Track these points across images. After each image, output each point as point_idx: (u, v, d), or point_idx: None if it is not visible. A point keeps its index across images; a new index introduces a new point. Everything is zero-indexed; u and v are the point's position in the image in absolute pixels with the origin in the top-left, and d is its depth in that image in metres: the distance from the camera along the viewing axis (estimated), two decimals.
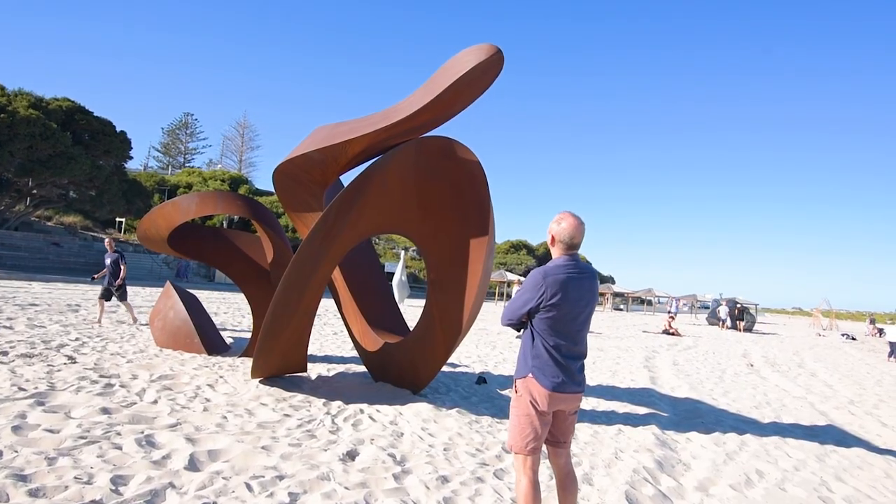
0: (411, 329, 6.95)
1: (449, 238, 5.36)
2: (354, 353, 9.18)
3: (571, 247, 2.97)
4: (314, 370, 7.43)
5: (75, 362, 6.47)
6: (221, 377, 6.36)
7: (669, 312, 44.96)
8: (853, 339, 31.38)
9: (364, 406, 5.60)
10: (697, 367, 12.15)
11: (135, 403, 4.96)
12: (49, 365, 6.17)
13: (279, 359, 5.92)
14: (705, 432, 5.96)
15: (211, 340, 8.15)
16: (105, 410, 4.60)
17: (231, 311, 16.32)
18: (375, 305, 6.87)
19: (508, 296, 53.28)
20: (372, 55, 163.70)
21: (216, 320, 13.05)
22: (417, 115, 4.33)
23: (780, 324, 53.10)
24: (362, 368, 7.66)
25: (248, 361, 7.33)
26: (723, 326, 31.64)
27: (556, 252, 3.01)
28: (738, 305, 30.92)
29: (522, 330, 3.09)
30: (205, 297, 21.54)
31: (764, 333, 31.20)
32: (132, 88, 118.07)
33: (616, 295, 58.55)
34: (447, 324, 5.57)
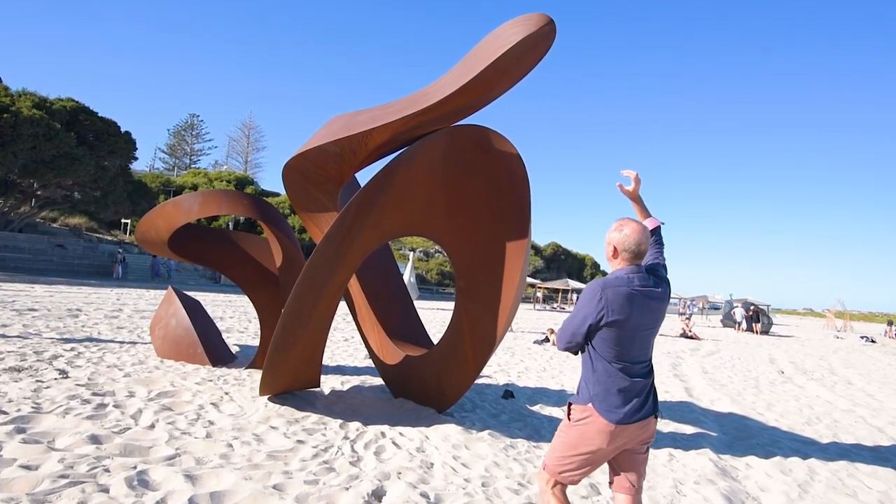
0: (432, 340, 6.38)
1: (482, 241, 4.76)
2: (369, 363, 8.61)
3: (637, 255, 2.62)
4: (327, 383, 6.84)
5: (67, 377, 5.91)
6: (227, 394, 5.78)
7: (683, 314, 44.27)
8: (873, 341, 30.54)
9: (385, 428, 5.01)
10: (728, 374, 11.50)
11: (129, 429, 4.38)
12: (38, 381, 5.60)
13: (290, 374, 5.34)
14: (764, 456, 5.34)
15: (215, 351, 7.58)
16: (94, 439, 4.02)
17: (237, 314, 15.78)
18: (394, 314, 6.28)
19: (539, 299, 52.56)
20: (379, 56, 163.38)
21: (222, 325, 12.51)
22: (451, 100, 3.74)
23: (792, 325, 52.15)
24: (378, 381, 7.08)
25: (256, 374, 6.76)
26: (738, 329, 30.88)
27: (618, 264, 2.65)
28: (754, 307, 30.12)
29: (580, 352, 2.65)
30: (210, 299, 21.08)
31: (781, 336, 30.41)
32: (138, 90, 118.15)
33: None
34: (478, 337, 4.97)
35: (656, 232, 2.95)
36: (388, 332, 6.09)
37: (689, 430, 6.25)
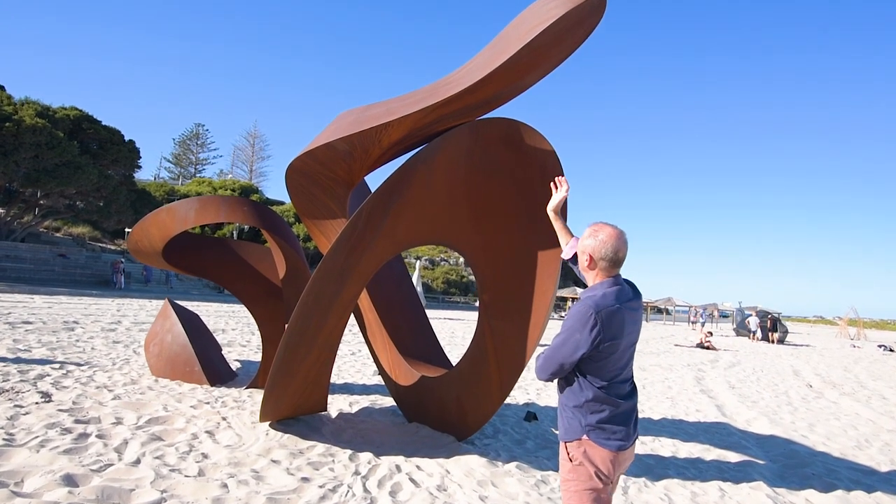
0: (449, 359, 5.83)
1: (510, 250, 4.23)
2: (379, 380, 8.06)
3: (617, 263, 2.38)
4: (334, 404, 6.31)
5: (49, 400, 5.39)
6: (224, 419, 5.25)
7: (694, 322, 43.50)
8: (891, 350, 29.73)
9: (400, 460, 4.47)
10: (757, 389, 10.88)
11: (110, 465, 3.84)
12: (17, 405, 5.08)
13: (294, 400, 4.80)
14: (824, 490, 4.77)
15: (214, 369, 7.06)
16: (68, 479, 3.49)
17: (240, 326, 15.26)
18: (408, 330, 5.74)
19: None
20: (388, 64, 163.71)
21: (223, 339, 11.99)
22: (478, 88, 3.23)
23: (804, 333, 51.22)
24: (390, 400, 6.53)
25: (257, 394, 6.24)
26: (753, 338, 30.12)
27: (596, 276, 2.41)
28: (771, 316, 29.40)
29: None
30: (213, 310, 20.57)
31: (797, 345, 29.66)
32: (145, 100, 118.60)
33: None
34: (505, 358, 4.43)
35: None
36: (402, 349, 5.55)
37: (733, 457, 5.67)
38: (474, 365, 4.74)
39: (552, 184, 2.91)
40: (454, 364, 5.44)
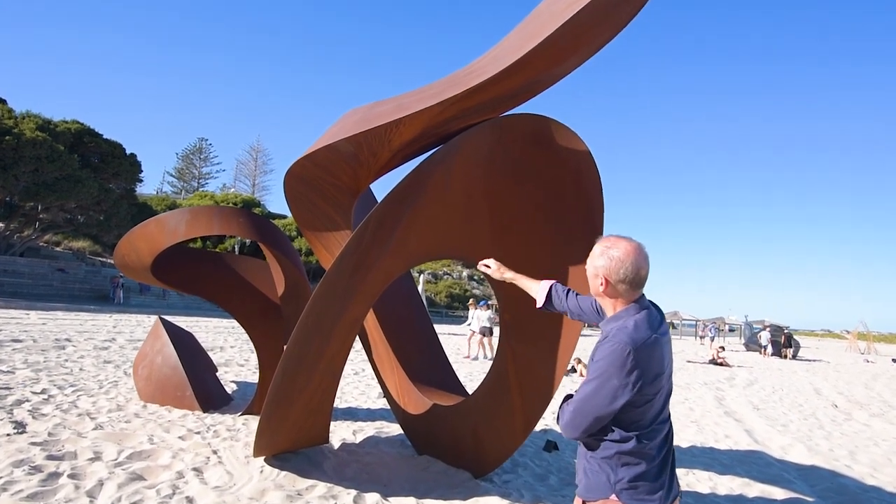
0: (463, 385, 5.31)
1: (536, 264, 3.74)
2: (384, 403, 7.54)
3: (639, 284, 1.96)
4: (336, 433, 5.79)
5: (23, 431, 4.88)
6: (215, 452, 4.73)
7: (702, 337, 42.79)
8: None
9: (412, 503, 3.95)
10: (783, 410, 10.30)
11: None
12: None
13: (292, 432, 4.29)
14: None
15: (207, 392, 6.55)
16: None
17: (239, 344, 14.74)
18: (418, 353, 5.24)
19: None
20: (395, 77, 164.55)
21: (220, 357, 11.47)
22: (511, 75, 2.76)
23: (813, 347, 50.37)
24: (397, 428, 6.01)
25: (253, 422, 5.72)
26: (764, 353, 29.42)
27: (616, 303, 1.97)
28: (786, 332, 28.75)
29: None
30: (212, 326, 20.07)
31: (810, 361, 28.96)
32: (151, 114, 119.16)
33: None
34: (529, 387, 3.93)
35: (555, 288, 2.63)
36: (411, 374, 5.04)
37: (778, 493, 5.12)
38: (494, 393, 4.23)
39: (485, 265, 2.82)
40: (470, 391, 4.94)
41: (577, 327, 3.60)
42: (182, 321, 21.34)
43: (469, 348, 16.66)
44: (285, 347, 3.77)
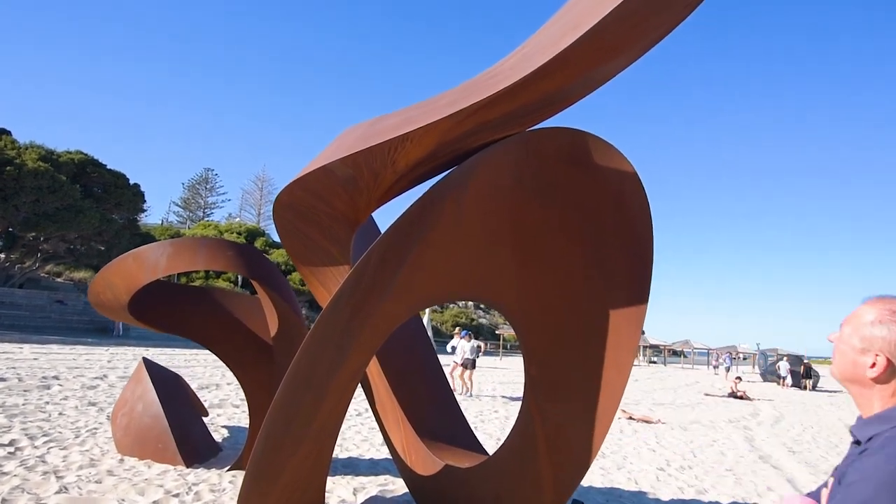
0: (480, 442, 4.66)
1: (570, 308, 3.15)
2: (388, 453, 6.85)
3: None
4: (334, 491, 5.14)
5: None
6: None
7: (716, 367, 41.65)
8: None
9: None
10: (821, 454, 9.51)
11: None
12: None
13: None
14: None
15: (193, 444, 5.90)
16: None
17: (236, 381, 14.05)
18: (428, 404, 4.60)
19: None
20: (395, 103, 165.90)
21: (215, 396, 10.81)
22: (542, 79, 2.21)
23: (827, 376, 49.02)
24: (403, 485, 5.33)
25: (240, 479, 5.06)
26: (783, 384, 28.44)
27: (890, 395, 1.30)
28: (805, 362, 27.81)
29: None
30: (210, 360, 19.27)
31: (830, 391, 27.96)
32: (159, 144, 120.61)
33: (651, 347, 55.38)
34: (561, 452, 3.29)
35: None
36: (419, 429, 4.40)
37: None
38: (518, 457, 3.58)
39: None
40: (490, 451, 4.29)
41: (621, 386, 2.99)
42: (182, 354, 20.70)
43: (452, 381, 15.71)
44: (271, 405, 3.16)
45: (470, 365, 14.76)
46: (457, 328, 19.20)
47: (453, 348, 15.58)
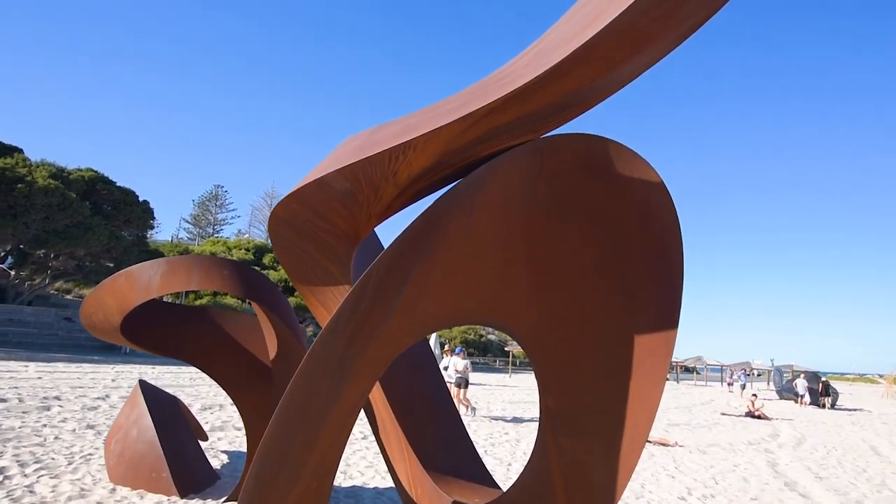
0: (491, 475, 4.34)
1: (590, 333, 2.85)
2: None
3: None
4: None
5: None
6: None
7: (730, 384, 40.79)
8: None
9: None
10: (849, 480, 9.03)
11: None
12: None
13: None
14: None
15: (188, 472, 5.61)
16: None
17: None
18: (434, 434, 4.30)
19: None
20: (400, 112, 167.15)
21: (217, 417, 10.53)
22: (561, 77, 1.95)
23: (846, 393, 47.89)
24: None
25: None
26: (801, 402, 27.67)
27: None
28: (825, 380, 27.10)
29: None
30: (210, 380, 19.07)
31: (850, 410, 27.15)
32: (171, 162, 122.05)
33: None
34: (581, 492, 2.97)
35: None
36: (426, 462, 4.09)
37: None
38: (534, 494, 3.27)
39: None
40: (501, 477, 3.98)
41: (647, 423, 2.69)
42: (187, 372, 20.45)
43: (457, 404, 15.30)
44: (261, 440, 2.87)
45: (462, 384, 14.50)
46: (446, 346, 18.76)
47: (445, 368, 15.11)
